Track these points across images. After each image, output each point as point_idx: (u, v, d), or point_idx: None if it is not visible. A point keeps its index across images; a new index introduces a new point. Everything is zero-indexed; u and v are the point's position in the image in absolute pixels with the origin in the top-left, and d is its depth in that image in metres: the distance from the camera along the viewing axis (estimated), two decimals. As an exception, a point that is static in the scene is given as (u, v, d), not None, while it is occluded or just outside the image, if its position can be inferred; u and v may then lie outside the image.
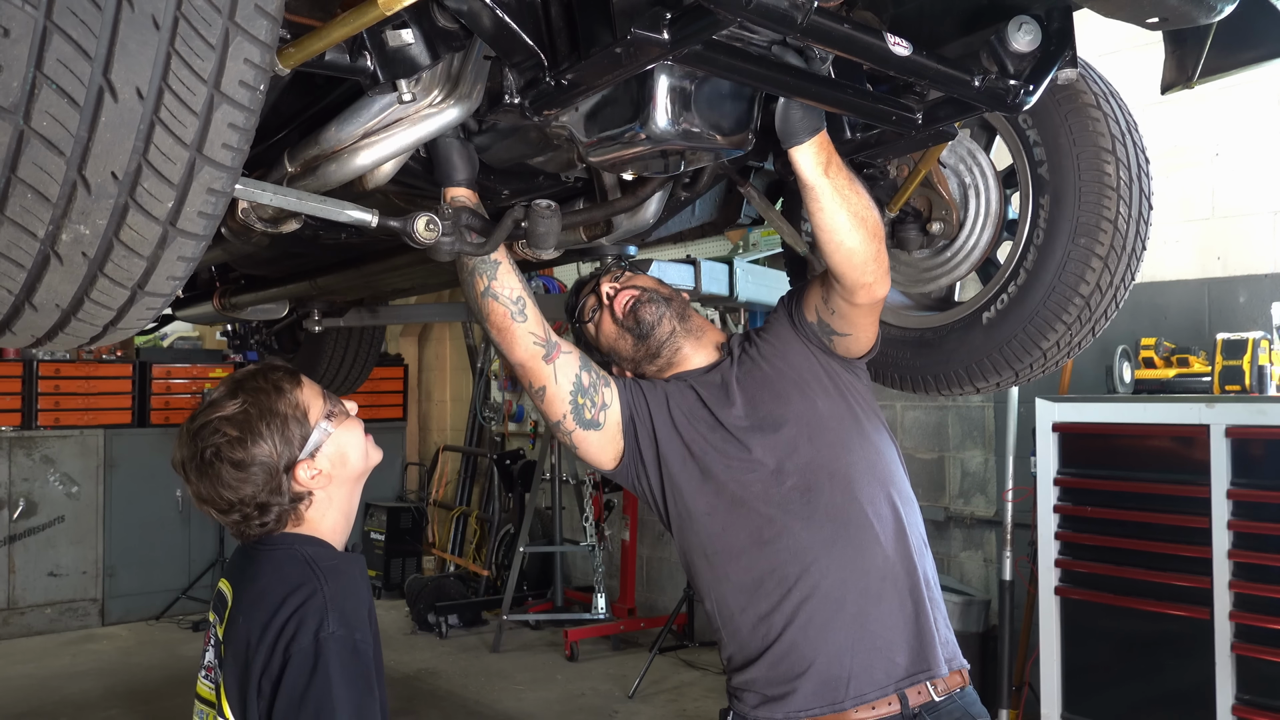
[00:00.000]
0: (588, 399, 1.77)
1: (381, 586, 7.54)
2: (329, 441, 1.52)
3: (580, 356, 1.80)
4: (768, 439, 1.73)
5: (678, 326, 1.88)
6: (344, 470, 1.55)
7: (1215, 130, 4.09)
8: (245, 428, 1.46)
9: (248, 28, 0.88)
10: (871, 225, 1.63)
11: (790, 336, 1.85)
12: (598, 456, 1.81)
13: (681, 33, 1.21)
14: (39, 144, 0.83)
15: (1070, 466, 3.62)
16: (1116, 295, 1.84)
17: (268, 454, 1.46)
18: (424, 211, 1.53)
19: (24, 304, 0.94)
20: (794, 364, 1.81)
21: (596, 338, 1.94)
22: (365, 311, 3.53)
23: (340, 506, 1.56)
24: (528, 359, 1.73)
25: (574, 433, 1.77)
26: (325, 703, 1.30)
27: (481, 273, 1.70)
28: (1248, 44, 1.61)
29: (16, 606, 6.44)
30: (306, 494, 1.50)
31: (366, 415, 6.60)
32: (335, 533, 1.54)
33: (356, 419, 1.61)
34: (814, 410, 1.76)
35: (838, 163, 1.59)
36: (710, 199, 2.28)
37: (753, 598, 1.68)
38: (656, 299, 1.89)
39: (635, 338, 1.88)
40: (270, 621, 1.36)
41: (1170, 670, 3.35)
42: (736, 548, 1.70)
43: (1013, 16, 1.44)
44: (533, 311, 1.72)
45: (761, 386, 1.79)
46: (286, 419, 1.48)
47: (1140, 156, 1.83)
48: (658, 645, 5.44)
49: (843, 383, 1.81)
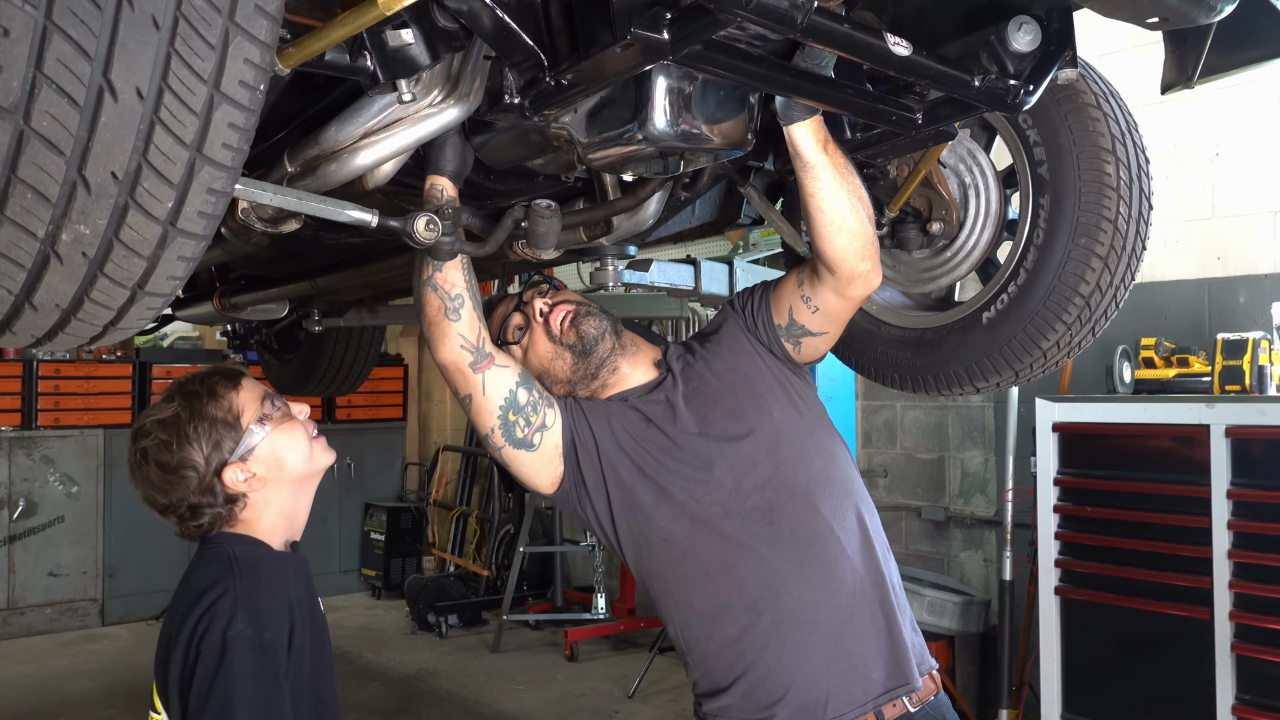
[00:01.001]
0: (521, 416, 1.68)
1: (381, 586, 7.55)
2: (262, 445, 1.52)
3: (522, 374, 1.71)
4: (725, 457, 1.66)
5: (616, 342, 1.78)
6: (280, 473, 1.55)
7: (1215, 130, 4.09)
8: (175, 431, 1.47)
9: (248, 28, 0.88)
10: (867, 209, 1.63)
11: (741, 343, 1.77)
12: (532, 478, 1.72)
13: (681, 32, 1.21)
14: (39, 144, 0.83)
15: (1070, 466, 3.62)
16: (1116, 295, 1.84)
17: (195, 458, 1.47)
18: (424, 211, 1.53)
19: (24, 304, 0.94)
20: (745, 374, 1.74)
21: (525, 359, 1.79)
22: (365, 311, 3.53)
23: (280, 508, 1.56)
24: (452, 361, 1.66)
25: (503, 449, 1.69)
26: (228, 700, 1.32)
27: (429, 261, 1.64)
28: (1248, 44, 1.61)
29: (16, 606, 6.44)
30: (240, 496, 1.51)
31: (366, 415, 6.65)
32: (274, 533, 1.56)
33: (300, 421, 1.61)
34: (770, 423, 1.69)
35: (835, 144, 1.59)
36: (710, 199, 2.28)
37: (718, 624, 1.62)
38: (595, 313, 1.78)
39: (575, 355, 1.75)
40: (185, 619, 1.39)
41: (1170, 670, 3.35)
42: (699, 574, 1.63)
43: (1013, 16, 1.44)
44: (469, 314, 1.65)
45: (713, 403, 1.71)
46: (216, 423, 1.49)
47: (1140, 156, 1.83)
48: (658, 645, 5.44)
49: (794, 390, 1.75)
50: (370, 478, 7.87)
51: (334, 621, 6.84)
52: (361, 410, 7.71)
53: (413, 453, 8.45)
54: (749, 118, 1.54)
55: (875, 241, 1.65)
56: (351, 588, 7.76)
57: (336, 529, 7.70)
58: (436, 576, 7.20)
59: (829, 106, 1.50)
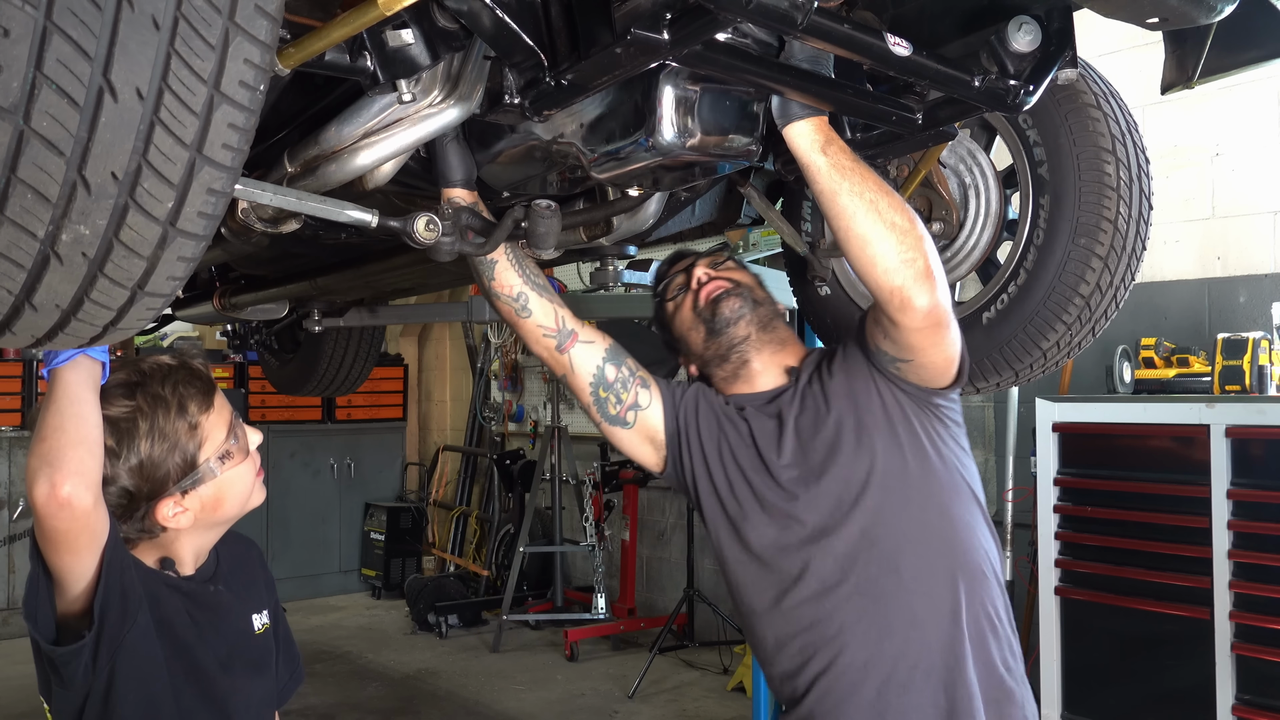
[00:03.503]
0: (611, 393, 1.70)
1: (381, 586, 7.56)
2: (211, 483, 1.34)
3: (608, 350, 1.71)
4: (810, 493, 1.56)
5: (754, 334, 1.70)
6: (213, 515, 1.37)
7: (1215, 130, 4.09)
8: (124, 439, 1.27)
9: (248, 28, 0.88)
10: (889, 214, 1.41)
11: (862, 368, 1.62)
12: (636, 454, 1.75)
13: (681, 32, 1.21)
14: (39, 144, 0.83)
15: (1070, 466, 3.62)
16: (1116, 295, 1.84)
17: (134, 477, 1.28)
18: (424, 211, 1.53)
19: (24, 304, 0.94)
20: (859, 404, 1.59)
21: (673, 319, 1.79)
22: (365, 311, 3.53)
23: (193, 545, 1.40)
24: (542, 351, 1.71)
25: (601, 424, 1.73)
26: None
27: (481, 272, 1.70)
28: (1248, 44, 1.61)
29: (16, 606, 6.43)
30: (159, 530, 1.33)
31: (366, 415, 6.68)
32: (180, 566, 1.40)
33: (253, 456, 1.41)
34: (869, 464, 1.54)
35: (840, 145, 1.44)
36: (710, 199, 2.27)
37: (777, 656, 1.58)
38: (745, 298, 1.71)
39: (707, 332, 1.72)
40: None
41: (1170, 670, 3.35)
42: (761, 605, 1.59)
43: (1013, 16, 1.44)
44: (538, 304, 1.69)
45: (816, 431, 1.60)
46: (175, 446, 1.30)
47: (1140, 156, 1.83)
48: (658, 645, 5.44)
49: (916, 429, 1.57)
50: (370, 478, 7.87)
51: (334, 621, 6.86)
52: (361, 410, 7.71)
53: (413, 453, 8.46)
54: (755, 126, 1.54)
55: (910, 254, 1.42)
56: (351, 588, 7.76)
57: (336, 529, 7.71)
58: (436, 576, 7.20)
59: (829, 106, 1.50)
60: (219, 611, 1.43)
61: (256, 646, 1.49)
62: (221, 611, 1.43)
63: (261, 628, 1.50)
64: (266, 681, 1.50)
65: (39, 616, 1.25)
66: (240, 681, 1.42)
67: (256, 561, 1.57)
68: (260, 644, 1.50)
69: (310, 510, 7.53)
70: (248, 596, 1.50)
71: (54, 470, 1.16)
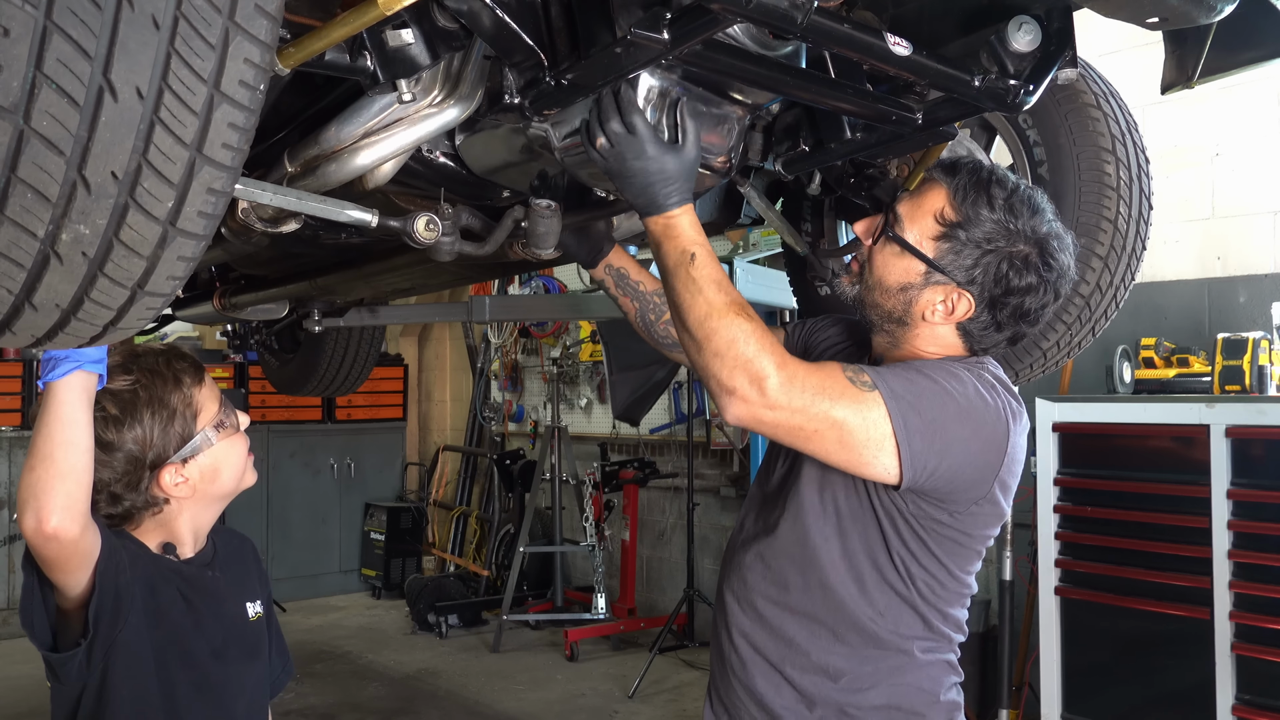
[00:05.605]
0: None
1: (381, 586, 7.56)
2: (207, 452, 1.42)
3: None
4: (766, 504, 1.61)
5: (877, 319, 1.50)
6: (211, 486, 1.44)
7: (1215, 130, 4.09)
8: (127, 408, 1.35)
9: (248, 27, 0.88)
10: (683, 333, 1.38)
11: None
12: None
13: (681, 32, 1.21)
14: (39, 144, 0.83)
15: (1070, 466, 3.62)
16: (1116, 295, 1.84)
17: (138, 444, 1.36)
18: (424, 211, 1.53)
19: (24, 304, 0.94)
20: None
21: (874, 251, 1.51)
22: (365, 311, 3.53)
23: (192, 520, 1.46)
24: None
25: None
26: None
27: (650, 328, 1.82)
28: (1248, 44, 1.61)
29: (16, 606, 6.43)
30: (162, 501, 1.40)
31: (366, 415, 6.66)
32: (180, 545, 1.46)
33: (244, 435, 1.50)
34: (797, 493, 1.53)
35: (671, 244, 1.42)
36: (710, 199, 2.27)
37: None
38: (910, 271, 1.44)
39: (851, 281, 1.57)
40: None
41: (1170, 670, 3.35)
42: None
43: (1013, 16, 1.44)
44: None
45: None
46: (174, 414, 1.38)
47: (1140, 156, 1.83)
48: (658, 645, 5.44)
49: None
50: (370, 478, 7.87)
51: (334, 621, 6.86)
52: (361, 410, 7.71)
53: (413, 453, 8.46)
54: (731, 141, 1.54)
55: (705, 375, 1.36)
56: (351, 588, 7.76)
57: (336, 529, 7.70)
58: (436, 576, 7.20)
59: (829, 106, 1.50)
60: (215, 596, 1.48)
61: (251, 632, 1.54)
62: (218, 596, 1.49)
63: (255, 615, 1.55)
64: (260, 667, 1.55)
65: (35, 625, 1.31)
66: (234, 668, 1.47)
67: (251, 555, 1.63)
68: (255, 630, 1.55)
69: (310, 510, 7.52)
70: (242, 585, 1.55)
71: (40, 505, 1.21)
